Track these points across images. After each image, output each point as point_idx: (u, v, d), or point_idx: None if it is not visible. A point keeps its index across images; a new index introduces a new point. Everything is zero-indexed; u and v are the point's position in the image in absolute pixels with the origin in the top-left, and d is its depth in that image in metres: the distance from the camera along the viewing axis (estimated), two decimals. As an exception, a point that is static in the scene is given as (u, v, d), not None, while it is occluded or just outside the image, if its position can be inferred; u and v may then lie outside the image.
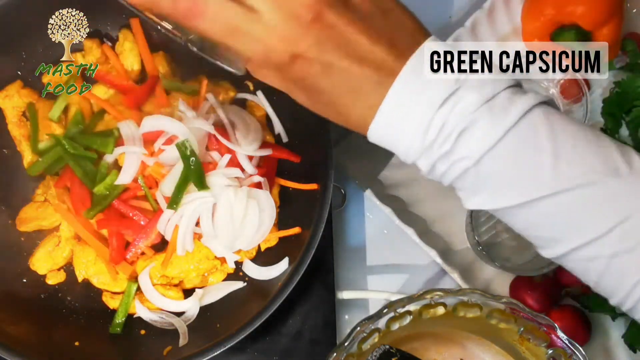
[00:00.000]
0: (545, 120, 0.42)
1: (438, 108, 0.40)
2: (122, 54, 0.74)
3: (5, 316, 0.64)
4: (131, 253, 0.68)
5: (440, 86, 0.40)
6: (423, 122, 0.41)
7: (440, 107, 0.40)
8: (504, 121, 0.41)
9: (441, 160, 0.42)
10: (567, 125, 0.43)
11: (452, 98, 0.40)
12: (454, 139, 0.41)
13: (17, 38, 0.70)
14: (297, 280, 0.62)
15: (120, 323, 0.68)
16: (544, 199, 0.42)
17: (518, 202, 0.43)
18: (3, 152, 0.72)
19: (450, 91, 0.40)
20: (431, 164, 0.43)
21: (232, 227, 0.66)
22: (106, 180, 0.68)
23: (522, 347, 0.61)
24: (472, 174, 0.42)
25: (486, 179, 0.42)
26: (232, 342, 0.60)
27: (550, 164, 0.41)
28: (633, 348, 0.70)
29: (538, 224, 0.45)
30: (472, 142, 0.41)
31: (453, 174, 0.43)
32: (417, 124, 0.41)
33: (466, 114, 0.40)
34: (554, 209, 0.43)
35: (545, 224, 0.44)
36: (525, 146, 0.41)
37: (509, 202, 0.43)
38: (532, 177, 0.42)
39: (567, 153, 0.42)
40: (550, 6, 0.74)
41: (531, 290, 0.72)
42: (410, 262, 0.77)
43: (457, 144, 0.41)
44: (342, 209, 0.76)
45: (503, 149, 0.41)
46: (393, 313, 0.57)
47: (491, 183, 0.43)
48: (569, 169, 0.41)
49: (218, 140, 0.69)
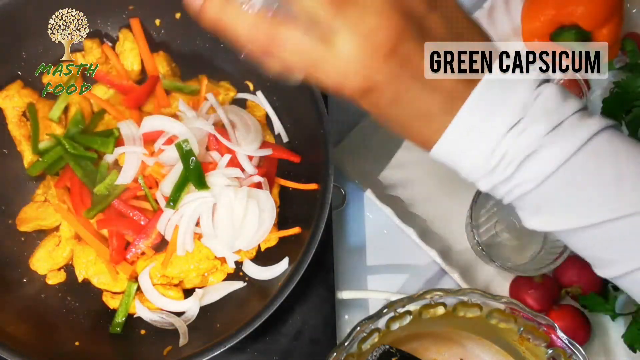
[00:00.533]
0: (610, 144, 0.42)
1: (503, 136, 0.40)
2: (122, 54, 0.74)
3: (5, 316, 0.64)
4: (131, 253, 0.68)
5: (507, 114, 0.40)
6: (487, 149, 0.41)
7: (505, 135, 0.40)
8: (568, 146, 0.41)
9: (502, 183, 0.43)
10: (632, 149, 0.43)
11: (518, 126, 0.40)
12: (516, 165, 0.41)
13: (17, 38, 0.70)
14: (297, 280, 0.62)
15: (120, 323, 0.68)
16: (605, 223, 0.42)
17: (579, 226, 0.43)
18: (3, 152, 0.72)
19: (516, 119, 0.40)
20: (492, 186, 0.43)
21: (232, 227, 0.66)
22: (106, 180, 0.68)
23: (522, 347, 0.61)
24: (534, 196, 0.43)
25: (547, 201, 0.43)
26: (232, 342, 0.60)
27: (614, 188, 0.42)
28: (633, 348, 0.70)
29: (596, 246, 0.45)
30: (535, 166, 0.41)
31: (514, 195, 0.43)
32: (481, 150, 0.41)
33: (531, 142, 0.40)
34: (614, 233, 0.43)
35: (604, 246, 0.44)
36: (588, 170, 0.41)
37: (569, 225, 0.43)
38: (594, 201, 0.42)
39: (630, 178, 0.42)
40: (550, 6, 0.74)
41: (531, 290, 0.72)
42: (410, 262, 0.77)
43: (519, 169, 0.41)
44: (342, 209, 0.76)
45: (566, 172, 0.41)
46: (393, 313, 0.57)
47: (552, 205, 0.43)
48: (632, 194, 0.42)
49: (218, 140, 0.69)
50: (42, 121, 0.71)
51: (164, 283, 0.69)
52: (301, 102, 0.68)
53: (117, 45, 0.74)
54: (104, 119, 0.73)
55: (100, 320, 0.69)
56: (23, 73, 0.72)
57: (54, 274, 0.70)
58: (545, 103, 0.41)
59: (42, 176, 0.71)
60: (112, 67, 0.74)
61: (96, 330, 0.68)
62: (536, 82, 0.41)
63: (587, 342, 0.72)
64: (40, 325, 0.66)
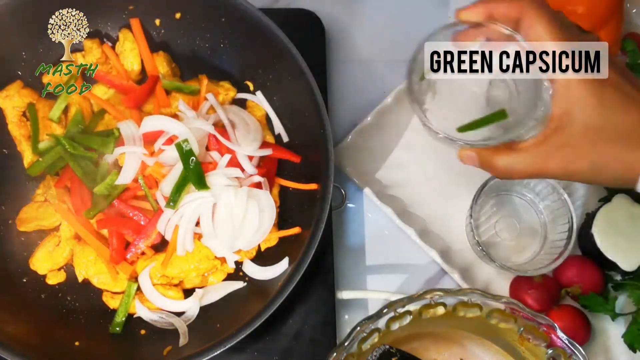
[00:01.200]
0: None
1: None
2: (122, 54, 0.74)
3: (5, 316, 0.64)
4: (131, 253, 0.68)
5: None
6: None
7: None
8: None
9: None
10: None
11: None
12: None
13: (17, 38, 0.70)
14: (297, 280, 0.62)
15: (120, 323, 0.68)
16: None
17: None
18: (3, 152, 0.72)
19: None
20: None
21: (232, 227, 0.66)
22: (106, 180, 0.68)
23: (522, 347, 0.61)
24: None
25: None
26: (232, 342, 0.60)
27: None
28: (633, 348, 0.70)
29: None
30: None
31: None
32: None
33: None
34: None
35: None
36: None
37: None
38: None
39: None
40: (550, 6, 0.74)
41: (531, 290, 0.72)
42: (410, 262, 0.77)
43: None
44: (342, 209, 0.76)
45: None
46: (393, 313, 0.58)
47: None
48: None
49: (218, 140, 0.69)
50: (42, 121, 0.71)
51: (164, 283, 0.69)
52: (301, 102, 0.68)
53: (117, 45, 0.74)
54: (104, 119, 0.73)
55: (100, 320, 0.69)
56: (23, 73, 0.72)
57: (54, 274, 0.70)
58: None
59: (42, 176, 0.71)
60: (112, 67, 0.74)
61: (96, 330, 0.68)
62: None
63: (587, 342, 0.72)
64: (40, 325, 0.66)
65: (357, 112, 0.80)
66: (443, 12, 0.87)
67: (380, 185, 0.79)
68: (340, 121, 0.81)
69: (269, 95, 0.74)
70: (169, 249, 0.68)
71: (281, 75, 0.71)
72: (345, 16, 0.86)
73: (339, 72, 0.84)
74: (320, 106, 0.66)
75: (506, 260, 0.74)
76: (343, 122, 0.81)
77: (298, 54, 0.67)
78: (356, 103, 0.82)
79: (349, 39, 0.86)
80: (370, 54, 0.85)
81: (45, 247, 0.69)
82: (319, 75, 0.73)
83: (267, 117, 0.75)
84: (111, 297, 0.69)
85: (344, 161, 0.78)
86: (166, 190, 0.67)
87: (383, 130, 0.79)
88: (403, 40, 0.85)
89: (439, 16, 0.86)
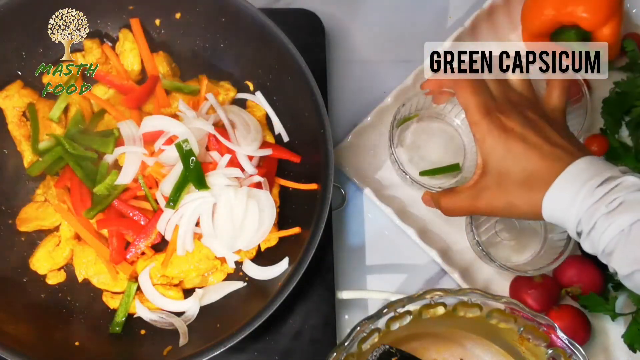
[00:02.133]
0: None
1: (588, 208, 0.53)
2: (122, 54, 0.74)
3: (5, 316, 0.64)
4: (131, 253, 0.68)
5: (595, 197, 0.52)
6: (576, 219, 0.54)
7: (590, 207, 0.52)
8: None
9: (591, 247, 0.55)
10: None
11: (604, 204, 0.52)
12: (599, 234, 0.53)
13: (17, 38, 0.70)
14: (297, 280, 0.62)
15: (120, 323, 0.68)
16: None
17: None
18: (3, 152, 0.72)
19: (607, 203, 0.52)
20: (587, 247, 0.56)
21: (232, 227, 0.66)
22: (106, 180, 0.68)
23: (522, 347, 0.61)
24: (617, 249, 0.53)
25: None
26: (232, 342, 0.60)
27: None
28: (633, 348, 0.70)
29: None
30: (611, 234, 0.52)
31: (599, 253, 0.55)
32: (573, 219, 0.54)
33: (614, 229, 0.51)
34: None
35: None
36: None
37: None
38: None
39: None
40: (550, 6, 0.74)
41: (531, 290, 0.72)
42: (410, 262, 0.77)
43: (601, 239, 0.53)
44: (342, 209, 0.76)
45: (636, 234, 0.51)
46: (393, 313, 0.58)
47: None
48: None
49: (218, 140, 0.69)
50: (42, 121, 0.71)
51: (164, 283, 0.69)
52: (301, 102, 0.68)
53: (117, 45, 0.74)
54: (104, 119, 0.73)
55: (100, 320, 0.69)
56: (23, 73, 0.72)
57: (54, 274, 0.70)
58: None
59: (42, 176, 0.71)
60: (112, 67, 0.74)
61: (96, 330, 0.68)
62: None
63: (587, 342, 0.72)
64: (40, 325, 0.66)
65: (357, 112, 0.80)
66: (443, 12, 0.87)
67: (380, 185, 0.79)
68: (340, 121, 0.81)
69: (269, 95, 0.74)
70: (169, 249, 0.68)
71: (281, 75, 0.71)
72: (345, 16, 0.86)
73: (339, 72, 0.84)
74: (320, 106, 0.66)
75: (506, 260, 0.74)
76: (343, 122, 0.81)
77: (298, 54, 0.67)
78: (356, 103, 0.82)
79: (349, 39, 0.86)
80: (370, 54, 0.85)
81: (45, 247, 0.69)
82: (319, 75, 0.73)
83: (267, 117, 0.75)
84: (111, 297, 0.69)
85: (344, 161, 0.78)
86: (166, 190, 0.67)
87: (383, 130, 0.79)
88: (403, 40, 0.85)
89: (438, 16, 0.86)
